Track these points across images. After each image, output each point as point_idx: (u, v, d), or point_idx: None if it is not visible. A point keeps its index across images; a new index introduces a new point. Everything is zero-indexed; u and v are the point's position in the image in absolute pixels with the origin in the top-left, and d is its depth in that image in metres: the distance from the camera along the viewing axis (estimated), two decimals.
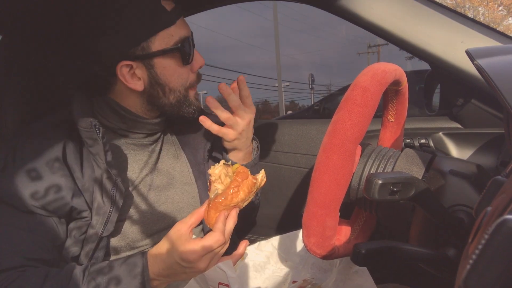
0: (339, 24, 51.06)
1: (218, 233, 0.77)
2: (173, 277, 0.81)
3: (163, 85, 0.91)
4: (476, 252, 0.25)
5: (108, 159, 0.84)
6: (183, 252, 0.76)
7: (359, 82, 0.65)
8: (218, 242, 0.77)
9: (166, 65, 0.90)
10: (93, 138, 0.82)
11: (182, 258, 0.76)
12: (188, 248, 0.76)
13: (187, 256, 0.76)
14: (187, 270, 0.78)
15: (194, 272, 0.79)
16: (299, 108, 29.21)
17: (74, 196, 0.83)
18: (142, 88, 0.91)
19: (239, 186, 0.78)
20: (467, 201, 0.66)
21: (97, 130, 0.82)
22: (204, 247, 0.76)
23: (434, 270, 0.68)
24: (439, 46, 1.03)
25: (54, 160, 0.83)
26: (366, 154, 0.79)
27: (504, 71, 0.55)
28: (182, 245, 0.77)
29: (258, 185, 0.82)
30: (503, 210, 0.29)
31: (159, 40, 0.87)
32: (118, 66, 0.87)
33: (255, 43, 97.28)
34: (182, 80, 0.93)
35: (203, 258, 0.77)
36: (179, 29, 0.89)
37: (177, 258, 0.77)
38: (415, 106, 1.59)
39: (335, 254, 0.72)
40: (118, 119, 0.94)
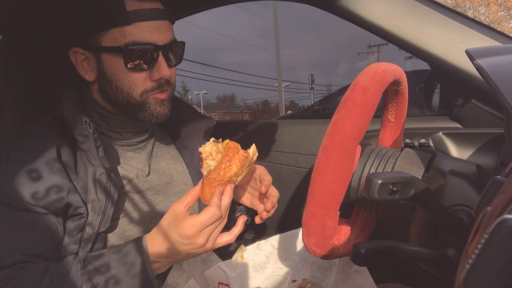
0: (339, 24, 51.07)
1: (214, 207, 0.77)
2: (174, 257, 0.80)
3: (110, 81, 0.91)
4: (475, 252, 0.25)
5: (100, 154, 0.85)
6: (181, 229, 0.76)
7: (359, 82, 0.65)
8: (214, 216, 0.77)
9: (113, 63, 0.89)
10: (84, 135, 0.84)
11: (181, 234, 0.76)
12: (186, 224, 0.76)
13: (185, 232, 0.76)
14: (186, 247, 0.78)
15: (194, 249, 0.79)
16: (299, 108, 29.22)
17: (69, 193, 0.84)
18: (92, 78, 0.93)
19: (231, 160, 0.78)
20: (467, 201, 0.66)
21: (87, 126, 0.84)
22: (201, 221, 0.76)
23: (434, 270, 0.68)
24: (439, 46, 1.03)
25: (48, 159, 0.84)
26: (366, 154, 0.79)
27: (504, 71, 0.55)
28: (180, 222, 0.77)
29: (250, 159, 0.83)
30: (503, 210, 0.29)
31: (109, 37, 0.87)
32: (71, 51, 0.92)
33: (255, 43, 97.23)
34: (131, 83, 0.90)
35: (201, 233, 0.77)
36: (137, 32, 0.86)
37: (175, 235, 0.77)
38: (415, 106, 1.59)
39: (335, 254, 0.73)
40: (101, 119, 0.96)
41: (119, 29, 0.86)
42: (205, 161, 0.81)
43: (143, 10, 0.86)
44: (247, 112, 45.78)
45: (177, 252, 0.79)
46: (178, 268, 0.97)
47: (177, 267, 0.97)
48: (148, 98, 0.92)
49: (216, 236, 0.81)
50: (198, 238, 0.77)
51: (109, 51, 0.88)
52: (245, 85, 36.56)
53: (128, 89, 0.90)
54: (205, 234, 0.77)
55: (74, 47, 0.91)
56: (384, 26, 1.07)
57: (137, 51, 0.86)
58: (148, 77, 0.90)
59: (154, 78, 0.90)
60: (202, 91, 44.44)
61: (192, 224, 0.76)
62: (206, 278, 0.91)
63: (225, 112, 47.26)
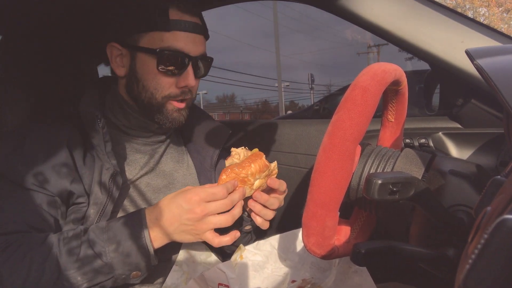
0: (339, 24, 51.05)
1: (222, 187, 0.82)
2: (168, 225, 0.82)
3: (138, 80, 0.96)
4: (475, 252, 0.25)
5: (108, 149, 0.90)
6: (188, 194, 0.81)
7: (358, 82, 0.65)
8: (220, 193, 0.81)
9: (145, 63, 0.95)
10: (95, 129, 0.89)
11: (186, 198, 0.81)
12: (193, 191, 0.82)
13: (190, 197, 0.81)
14: (184, 214, 0.81)
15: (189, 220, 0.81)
16: (299, 108, 29.22)
17: (73, 182, 0.88)
18: (122, 74, 0.99)
19: (252, 162, 0.87)
20: (467, 201, 0.66)
21: (98, 121, 0.89)
22: (207, 191, 0.81)
23: (433, 270, 0.68)
24: (439, 46, 1.03)
25: (58, 148, 0.89)
26: (366, 154, 0.79)
27: (504, 71, 0.55)
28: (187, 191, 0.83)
29: (271, 170, 0.92)
30: (503, 210, 0.29)
31: (148, 39, 0.94)
32: (109, 45, 0.98)
33: (255, 43, 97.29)
34: (158, 84, 0.95)
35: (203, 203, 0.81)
36: (174, 40, 0.93)
37: (180, 199, 0.82)
38: (415, 106, 1.59)
39: (334, 254, 0.72)
40: (124, 116, 1.01)
41: (159, 34, 0.93)
42: (231, 157, 0.91)
43: (183, 21, 0.93)
44: (247, 112, 45.79)
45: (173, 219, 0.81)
46: (178, 270, 0.97)
47: (176, 268, 0.97)
48: (167, 103, 0.97)
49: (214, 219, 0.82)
50: (198, 207, 0.80)
51: (145, 52, 0.94)
52: (245, 85, 36.58)
53: (153, 89, 0.96)
54: (206, 206, 0.81)
55: (113, 42, 0.98)
56: (384, 26, 1.07)
57: (170, 56, 0.93)
58: (175, 83, 0.96)
59: (179, 85, 0.96)
60: (202, 91, 44.44)
61: (198, 192, 0.81)
62: (206, 279, 0.91)
63: (225, 112, 47.26)
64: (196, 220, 0.81)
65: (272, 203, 0.95)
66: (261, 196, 0.92)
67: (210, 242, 0.85)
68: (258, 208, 0.94)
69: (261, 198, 0.92)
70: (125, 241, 0.81)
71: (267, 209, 0.95)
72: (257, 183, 0.90)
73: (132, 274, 0.83)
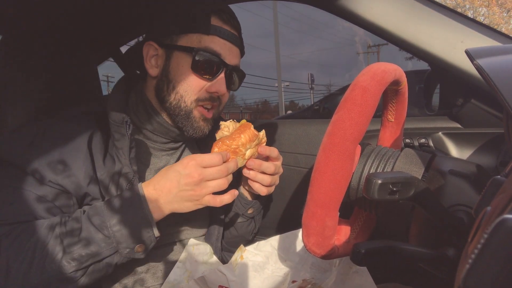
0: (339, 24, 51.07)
1: (217, 154, 0.84)
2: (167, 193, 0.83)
3: (170, 80, 0.96)
4: (475, 252, 0.25)
5: (132, 155, 0.90)
6: (184, 161, 0.83)
7: (358, 82, 0.65)
8: (215, 159, 0.83)
9: (180, 63, 0.95)
10: (122, 133, 0.89)
11: (183, 163, 0.83)
12: (189, 157, 0.84)
13: (186, 161, 0.83)
14: (182, 179, 0.82)
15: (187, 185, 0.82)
16: (299, 108, 29.21)
17: (90, 183, 0.88)
18: (155, 74, 0.98)
19: (242, 132, 0.89)
20: (467, 201, 0.66)
21: (127, 126, 0.89)
22: (204, 158, 0.83)
23: (433, 270, 0.68)
24: (439, 46, 1.03)
25: (79, 146, 0.89)
26: (366, 154, 0.79)
27: (503, 71, 0.55)
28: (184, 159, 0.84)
29: (260, 139, 0.93)
30: (503, 210, 0.29)
31: (187, 40, 0.94)
32: (147, 43, 0.98)
33: (255, 43, 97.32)
34: (189, 86, 0.95)
35: (200, 169, 0.82)
36: (212, 43, 0.94)
37: (177, 165, 0.83)
38: (414, 106, 1.59)
39: (334, 254, 0.72)
40: (147, 119, 1.01)
41: (198, 36, 0.94)
42: (221, 130, 0.92)
43: (223, 29, 0.95)
44: (247, 112, 45.76)
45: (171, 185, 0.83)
46: (181, 267, 0.97)
47: (179, 265, 0.97)
48: (195, 109, 0.97)
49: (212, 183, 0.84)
50: (195, 171, 0.82)
51: (182, 51, 0.94)
52: (245, 85, 36.60)
53: (183, 92, 0.95)
54: (203, 171, 0.82)
55: (150, 41, 0.98)
56: (384, 26, 1.07)
57: (206, 58, 0.93)
58: (205, 88, 0.96)
59: (210, 90, 0.96)
60: None
61: (195, 157, 0.83)
62: (206, 280, 0.91)
63: (225, 112, 47.26)
64: (194, 184, 0.82)
65: (267, 167, 0.95)
66: (254, 162, 0.94)
67: (211, 204, 0.86)
68: (253, 174, 0.95)
69: (254, 164, 0.94)
70: (128, 216, 0.81)
71: (263, 174, 0.96)
72: (248, 152, 0.92)
73: (136, 248, 0.83)
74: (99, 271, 0.82)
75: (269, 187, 0.98)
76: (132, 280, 0.98)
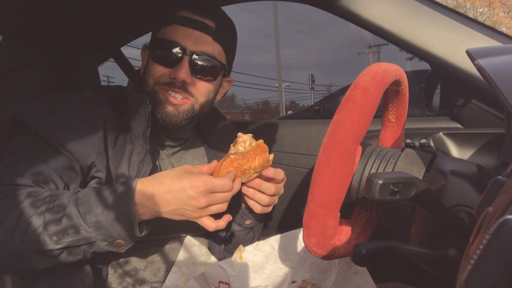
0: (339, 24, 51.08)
1: (229, 179, 0.82)
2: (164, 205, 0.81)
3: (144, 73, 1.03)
4: (477, 253, 0.25)
5: (147, 134, 0.92)
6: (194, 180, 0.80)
7: (359, 82, 0.65)
8: (226, 186, 0.81)
9: (148, 56, 1.02)
10: (139, 113, 0.92)
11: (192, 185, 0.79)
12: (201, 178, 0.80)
13: (196, 184, 0.79)
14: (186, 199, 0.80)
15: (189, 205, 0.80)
16: (299, 108, 29.21)
17: (99, 155, 0.89)
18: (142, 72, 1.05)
19: (257, 155, 0.87)
20: (468, 201, 0.66)
21: (145, 106, 0.92)
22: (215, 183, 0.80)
23: (434, 270, 0.68)
24: (440, 46, 1.02)
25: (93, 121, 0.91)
26: (367, 154, 0.79)
27: (504, 71, 0.55)
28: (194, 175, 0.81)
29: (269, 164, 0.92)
30: (504, 211, 0.29)
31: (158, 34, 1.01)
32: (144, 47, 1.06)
33: (255, 44, 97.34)
34: (151, 71, 0.99)
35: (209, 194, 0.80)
36: (172, 32, 0.97)
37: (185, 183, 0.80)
38: (415, 106, 1.59)
39: (335, 254, 0.72)
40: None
41: (163, 29, 0.99)
42: (238, 143, 0.90)
43: (187, 18, 0.97)
44: (248, 112, 45.75)
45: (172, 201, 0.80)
46: (177, 271, 0.97)
47: (175, 270, 0.97)
48: (159, 91, 0.99)
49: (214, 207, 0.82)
50: (203, 197, 0.80)
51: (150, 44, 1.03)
52: (246, 86, 36.59)
53: (147, 77, 1.00)
54: (211, 197, 0.80)
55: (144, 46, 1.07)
56: (384, 26, 1.06)
57: (162, 46, 0.97)
58: (168, 74, 0.98)
59: (171, 76, 0.97)
60: None
61: (207, 182, 0.80)
62: (207, 277, 0.91)
63: (226, 112, 47.23)
64: (199, 208, 0.81)
65: (267, 188, 0.95)
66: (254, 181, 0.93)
67: (206, 227, 0.85)
68: (251, 192, 0.95)
69: (253, 183, 0.93)
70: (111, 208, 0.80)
71: (262, 193, 0.95)
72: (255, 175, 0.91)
73: (115, 242, 0.82)
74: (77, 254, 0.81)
75: (266, 206, 0.97)
76: (131, 278, 0.98)
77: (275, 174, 0.94)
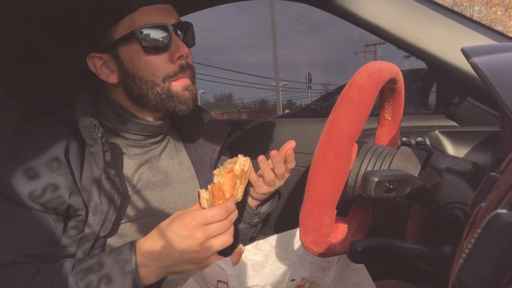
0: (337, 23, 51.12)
1: (223, 208, 0.77)
2: (166, 256, 0.77)
3: (133, 75, 0.90)
4: (468, 247, 0.25)
5: (107, 159, 0.84)
6: (184, 220, 0.75)
7: (355, 81, 0.65)
8: (219, 214, 0.77)
9: (131, 54, 0.88)
10: (93, 138, 0.83)
11: (182, 224, 0.75)
12: (189, 215, 0.76)
13: (187, 222, 0.75)
14: (183, 243, 0.75)
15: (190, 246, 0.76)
16: (296, 107, 29.21)
17: (72, 194, 0.83)
18: (115, 80, 0.92)
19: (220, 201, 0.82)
20: (463, 199, 0.66)
21: (96, 130, 0.82)
22: (205, 214, 0.76)
23: (430, 267, 0.69)
24: (435, 44, 1.03)
25: (55, 158, 0.83)
26: (363, 152, 0.79)
27: (499, 69, 0.55)
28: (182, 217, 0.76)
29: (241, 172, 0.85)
30: (496, 205, 0.30)
31: (121, 29, 0.88)
32: (89, 58, 0.91)
33: (253, 43, 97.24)
34: (152, 69, 0.88)
35: (203, 227, 0.76)
36: (146, 15, 0.87)
37: (176, 227, 0.76)
38: (411, 105, 1.60)
39: (332, 252, 0.73)
40: (118, 120, 0.95)
41: (128, 18, 0.87)
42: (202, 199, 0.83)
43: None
44: (245, 111, 45.72)
45: (171, 249, 0.76)
46: None
47: None
48: (172, 85, 0.91)
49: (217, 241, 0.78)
50: (198, 231, 0.75)
51: (125, 41, 0.87)
52: (243, 85, 36.56)
53: (151, 77, 0.89)
54: (206, 229, 0.76)
55: (90, 53, 0.91)
56: (380, 25, 1.07)
57: (150, 33, 0.86)
58: (169, 59, 0.89)
59: (174, 59, 0.89)
60: (200, 91, 44.40)
61: (196, 215, 0.76)
62: (205, 276, 0.91)
63: (223, 111, 47.20)
64: (199, 245, 0.76)
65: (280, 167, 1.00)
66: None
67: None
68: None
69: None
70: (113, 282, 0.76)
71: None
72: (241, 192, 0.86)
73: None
74: None
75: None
76: None
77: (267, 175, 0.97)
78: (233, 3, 1.40)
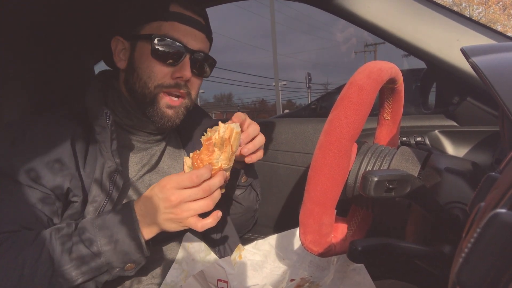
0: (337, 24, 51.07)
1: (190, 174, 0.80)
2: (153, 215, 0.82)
3: (134, 69, 0.97)
4: (468, 246, 0.25)
5: (113, 147, 0.89)
6: (162, 183, 0.81)
7: (355, 80, 0.65)
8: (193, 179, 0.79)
9: (142, 51, 0.96)
10: (102, 126, 0.88)
11: (160, 185, 0.81)
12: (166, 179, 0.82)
13: (163, 184, 0.80)
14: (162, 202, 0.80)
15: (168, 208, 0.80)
16: (296, 107, 29.22)
17: (73, 179, 0.87)
18: (123, 66, 0.99)
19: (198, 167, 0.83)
20: (463, 198, 0.66)
21: (107, 117, 0.88)
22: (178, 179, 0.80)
23: (429, 266, 0.69)
24: (435, 44, 1.03)
25: (60, 145, 0.88)
26: (362, 152, 0.79)
27: (498, 69, 0.55)
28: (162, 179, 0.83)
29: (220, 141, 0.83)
30: (495, 205, 0.30)
31: (147, 28, 0.96)
32: (114, 39, 1.00)
33: (253, 43, 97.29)
34: (151, 72, 0.94)
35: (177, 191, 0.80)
36: (172, 29, 0.94)
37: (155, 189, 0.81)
38: (411, 104, 1.60)
39: (331, 252, 0.73)
40: (126, 115, 1.00)
41: (158, 23, 0.95)
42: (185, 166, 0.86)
43: (184, 15, 0.95)
44: (245, 111, 45.60)
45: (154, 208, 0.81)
46: (177, 268, 0.97)
47: (176, 266, 0.97)
48: (160, 94, 0.96)
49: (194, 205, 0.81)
50: (171, 195, 0.80)
51: (142, 39, 0.95)
52: (243, 85, 36.57)
53: (146, 78, 0.95)
54: (180, 194, 0.80)
55: (117, 36, 0.99)
56: (380, 25, 1.07)
57: (165, 44, 0.93)
58: (169, 73, 0.95)
59: (174, 76, 0.95)
60: (199, 91, 44.27)
61: (171, 179, 0.80)
62: (205, 275, 0.91)
63: (222, 111, 47.20)
64: (173, 207, 0.80)
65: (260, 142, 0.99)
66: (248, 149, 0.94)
67: (193, 227, 0.84)
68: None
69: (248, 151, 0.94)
70: (119, 236, 0.81)
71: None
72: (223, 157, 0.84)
73: (126, 267, 0.83)
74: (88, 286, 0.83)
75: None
76: (128, 278, 0.98)
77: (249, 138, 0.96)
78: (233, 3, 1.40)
